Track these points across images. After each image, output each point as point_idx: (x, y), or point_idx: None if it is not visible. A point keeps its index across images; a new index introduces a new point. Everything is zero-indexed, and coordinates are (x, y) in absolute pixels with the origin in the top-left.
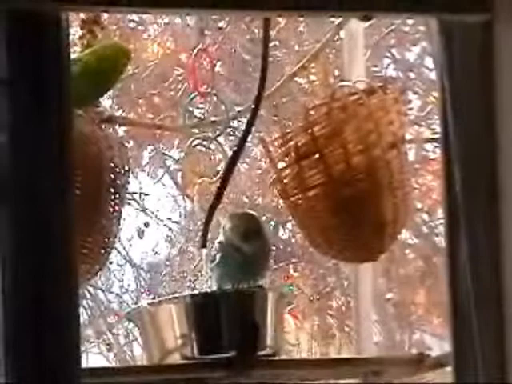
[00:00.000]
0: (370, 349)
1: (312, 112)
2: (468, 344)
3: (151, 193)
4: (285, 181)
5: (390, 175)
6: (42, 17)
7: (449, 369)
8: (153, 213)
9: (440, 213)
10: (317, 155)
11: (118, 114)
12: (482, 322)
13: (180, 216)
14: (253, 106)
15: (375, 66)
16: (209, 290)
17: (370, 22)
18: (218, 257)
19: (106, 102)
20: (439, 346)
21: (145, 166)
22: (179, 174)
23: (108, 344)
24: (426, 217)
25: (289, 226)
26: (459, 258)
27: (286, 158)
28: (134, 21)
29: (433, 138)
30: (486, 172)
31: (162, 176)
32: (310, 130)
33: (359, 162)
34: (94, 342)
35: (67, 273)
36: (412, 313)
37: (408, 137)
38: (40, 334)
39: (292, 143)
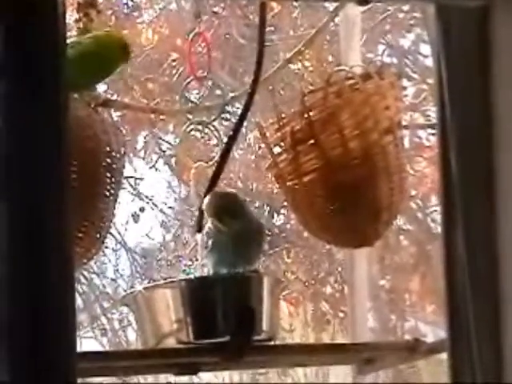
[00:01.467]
0: (365, 335)
1: (308, 97)
2: (463, 331)
3: (146, 178)
4: (281, 166)
5: (386, 160)
6: None
7: (443, 355)
8: (147, 197)
9: (434, 200)
10: (313, 140)
11: (113, 98)
12: (478, 310)
13: (175, 201)
14: (249, 91)
15: (370, 51)
16: (204, 275)
17: (368, 7)
18: (209, 243)
19: (100, 86)
20: (433, 332)
21: (139, 150)
22: (174, 159)
23: (102, 329)
24: (419, 203)
25: (283, 211)
26: (455, 245)
27: (282, 143)
28: (128, 6)
29: (427, 125)
30: (482, 159)
31: (157, 161)
32: (306, 115)
33: (355, 147)
34: (87, 326)
35: (63, 256)
36: (406, 299)
37: (403, 123)
38: (36, 319)
39: (288, 128)
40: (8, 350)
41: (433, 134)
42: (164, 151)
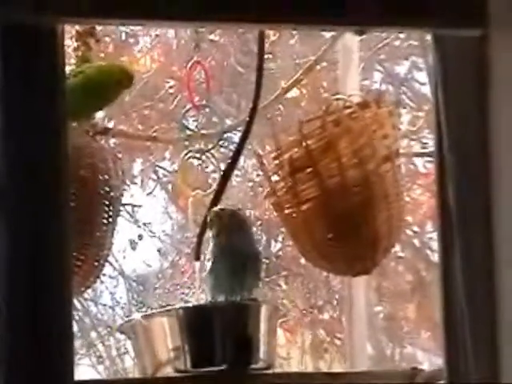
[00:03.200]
0: (363, 362)
1: (306, 125)
2: (461, 360)
3: (143, 205)
4: (279, 194)
5: (385, 189)
6: (37, 29)
7: None
8: (145, 225)
9: (429, 227)
10: (311, 168)
11: (110, 125)
12: (476, 338)
13: (172, 228)
14: (247, 119)
15: (366, 79)
16: (202, 303)
17: (364, 36)
18: (208, 265)
19: (98, 114)
20: (428, 360)
21: (136, 177)
22: (171, 186)
23: (99, 356)
24: (416, 230)
25: (281, 239)
26: (452, 273)
27: (280, 172)
28: (126, 33)
29: (422, 153)
30: (480, 187)
31: (154, 188)
32: (304, 144)
33: (353, 175)
34: (84, 354)
35: (61, 285)
36: (402, 327)
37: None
38: (34, 344)
39: (286, 156)
40: (6, 376)
41: (428, 162)
42: (161, 178)
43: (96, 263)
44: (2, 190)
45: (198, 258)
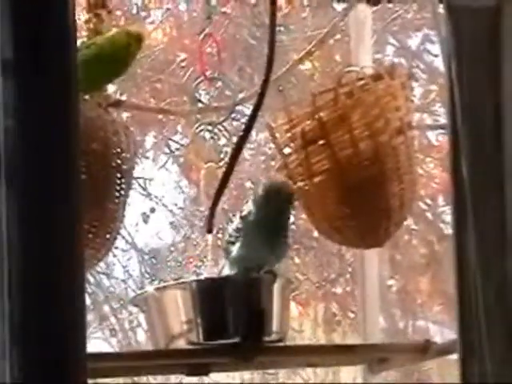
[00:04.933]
0: (375, 336)
1: (318, 98)
2: (474, 332)
3: (155, 178)
4: (291, 167)
5: (397, 161)
6: None
7: (453, 356)
8: (157, 198)
9: (441, 200)
10: (323, 141)
11: (122, 99)
12: (489, 311)
13: (184, 202)
14: (259, 91)
15: (378, 52)
16: (214, 276)
17: (378, 7)
18: (242, 236)
19: (110, 87)
20: (440, 333)
21: (148, 151)
22: (183, 159)
23: (112, 329)
24: (428, 204)
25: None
26: (466, 247)
27: (292, 144)
28: (137, 6)
29: (435, 125)
30: (493, 160)
31: (166, 161)
32: (316, 116)
33: (366, 147)
34: (96, 327)
35: (73, 258)
36: (415, 300)
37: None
38: (45, 319)
39: (298, 129)
40: (18, 350)
41: (441, 135)
42: (173, 152)
43: (108, 236)
44: (12, 164)
45: (210, 231)
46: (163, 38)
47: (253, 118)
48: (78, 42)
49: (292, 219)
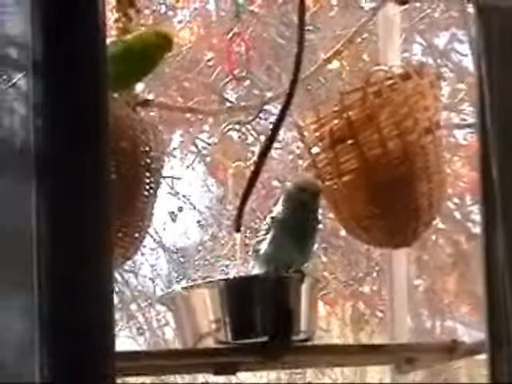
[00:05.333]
0: (403, 335)
1: (347, 97)
2: (503, 333)
3: (182, 177)
4: (319, 166)
5: (426, 160)
6: None
7: (481, 357)
8: (185, 197)
9: (469, 200)
10: (352, 140)
11: (150, 98)
12: None
13: (211, 201)
14: (287, 91)
15: (406, 51)
16: (242, 275)
17: (406, 6)
18: (270, 235)
19: (138, 86)
20: (468, 334)
21: (175, 150)
22: (211, 158)
23: (139, 328)
24: (456, 203)
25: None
26: (495, 247)
27: (321, 143)
28: (166, 5)
29: (463, 124)
30: None
31: (194, 161)
32: (345, 115)
33: (394, 147)
34: (124, 326)
35: (102, 256)
36: (442, 300)
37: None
38: (74, 316)
39: (327, 128)
40: (47, 347)
41: (468, 134)
42: (200, 151)
43: (137, 235)
44: (42, 162)
45: (238, 230)
46: (191, 37)
47: (281, 117)
48: (107, 41)
49: (320, 218)
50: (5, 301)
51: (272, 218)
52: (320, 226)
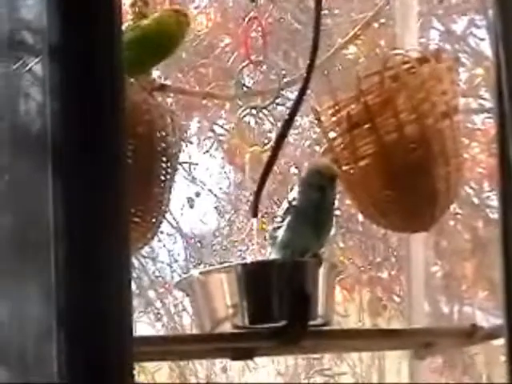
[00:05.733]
0: (421, 320)
1: (364, 81)
2: None
3: (200, 163)
4: (336, 150)
5: (443, 145)
6: None
7: (499, 341)
8: (202, 183)
9: (487, 185)
10: (369, 124)
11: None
12: None
13: (229, 186)
14: (304, 76)
15: (422, 36)
16: (260, 259)
17: None
18: (287, 220)
19: (154, 71)
20: (485, 319)
21: (193, 136)
22: (228, 144)
23: (157, 313)
24: (473, 188)
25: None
26: None
27: (338, 128)
28: None
29: (481, 110)
30: None
31: (211, 146)
32: (362, 99)
33: (412, 131)
34: (142, 311)
35: (119, 241)
36: (460, 285)
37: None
38: (92, 303)
39: (344, 113)
40: (65, 334)
41: (486, 119)
42: (217, 136)
43: (154, 220)
44: (59, 148)
45: (255, 216)
46: (208, 23)
47: (298, 102)
48: (124, 26)
49: (337, 203)
50: (22, 288)
51: (289, 202)
52: (337, 211)
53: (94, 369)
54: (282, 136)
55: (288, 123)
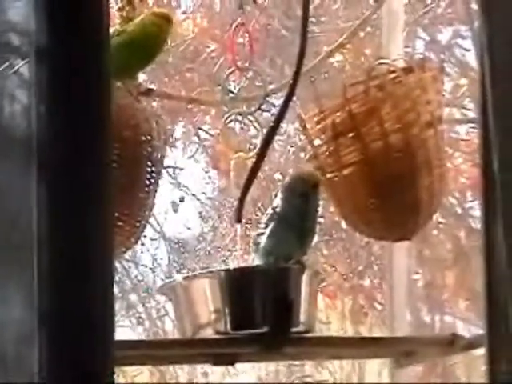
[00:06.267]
0: (403, 329)
1: (349, 90)
2: (502, 328)
3: (184, 168)
4: (321, 158)
5: (427, 154)
6: None
7: (479, 351)
8: (186, 188)
9: (469, 195)
10: (353, 133)
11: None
12: None
13: (213, 192)
14: (290, 82)
15: (407, 46)
16: (243, 265)
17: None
18: (270, 227)
19: (140, 75)
20: (466, 329)
21: (177, 140)
22: (213, 149)
23: (138, 318)
24: (457, 197)
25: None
26: (495, 242)
27: (323, 136)
28: None
29: (464, 120)
30: None
31: (196, 151)
32: (347, 108)
33: (396, 140)
34: (123, 315)
35: (103, 245)
36: (441, 295)
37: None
38: (74, 307)
39: (329, 121)
40: (47, 336)
41: (470, 130)
42: (202, 141)
43: (137, 224)
44: (44, 151)
45: (239, 221)
46: (194, 28)
47: (284, 108)
48: (111, 30)
49: (320, 211)
50: (4, 291)
51: (273, 209)
52: (320, 218)
53: (75, 371)
54: (267, 142)
55: (273, 130)
